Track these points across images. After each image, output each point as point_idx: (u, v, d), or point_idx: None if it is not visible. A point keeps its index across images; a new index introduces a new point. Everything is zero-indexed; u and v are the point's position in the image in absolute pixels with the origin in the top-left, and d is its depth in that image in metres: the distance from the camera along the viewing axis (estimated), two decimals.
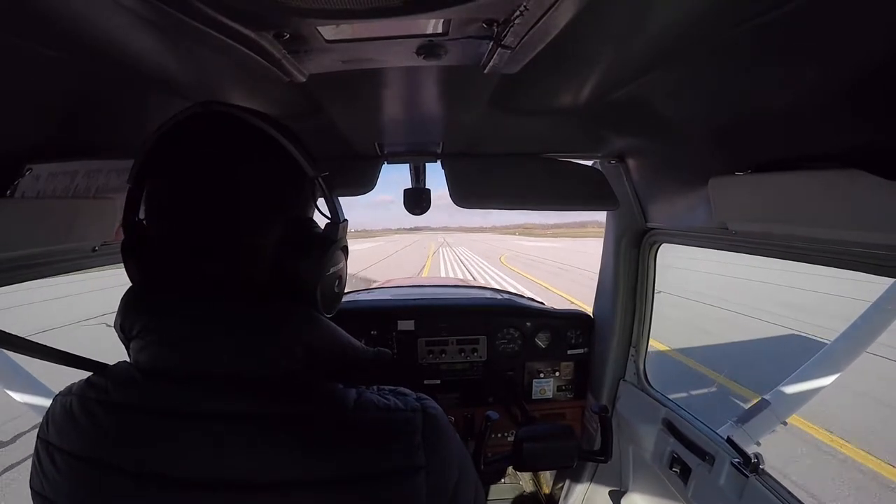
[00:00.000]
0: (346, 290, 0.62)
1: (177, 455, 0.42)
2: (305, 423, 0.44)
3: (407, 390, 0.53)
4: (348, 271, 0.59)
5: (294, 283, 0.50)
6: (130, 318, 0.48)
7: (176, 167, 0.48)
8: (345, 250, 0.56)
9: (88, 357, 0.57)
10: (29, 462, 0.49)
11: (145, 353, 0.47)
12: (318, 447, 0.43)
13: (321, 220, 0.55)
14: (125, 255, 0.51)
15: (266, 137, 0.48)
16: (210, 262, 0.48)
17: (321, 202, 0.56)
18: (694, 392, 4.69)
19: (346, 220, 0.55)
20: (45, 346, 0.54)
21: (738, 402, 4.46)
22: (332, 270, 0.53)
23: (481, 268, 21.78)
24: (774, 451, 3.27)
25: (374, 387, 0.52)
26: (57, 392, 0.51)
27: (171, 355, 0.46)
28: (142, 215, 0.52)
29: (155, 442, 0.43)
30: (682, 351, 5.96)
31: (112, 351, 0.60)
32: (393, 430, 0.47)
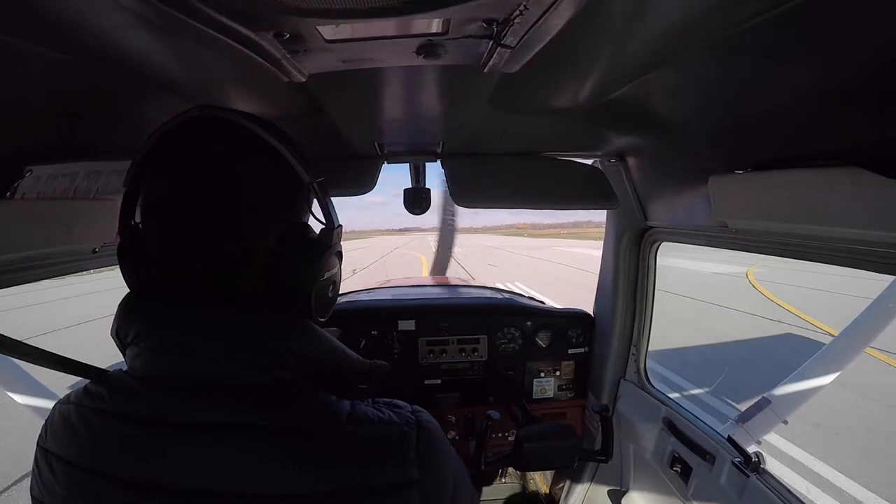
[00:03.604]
0: (342, 292, 0.62)
1: (169, 465, 0.43)
2: (297, 435, 0.44)
3: (402, 402, 0.53)
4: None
5: (288, 287, 0.50)
6: (126, 324, 0.48)
7: (173, 169, 0.48)
8: (339, 255, 0.56)
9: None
10: None
11: (140, 360, 0.47)
12: (309, 460, 0.43)
13: (315, 226, 0.56)
14: (121, 259, 0.51)
15: (262, 142, 0.48)
16: (204, 266, 0.48)
17: (316, 207, 0.56)
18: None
19: (340, 225, 0.55)
20: (45, 350, 0.54)
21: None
22: (326, 276, 0.53)
23: None
24: None
25: (369, 399, 0.52)
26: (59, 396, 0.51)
27: (165, 362, 0.46)
28: (138, 218, 0.52)
29: (149, 452, 0.43)
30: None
31: None
32: (387, 444, 0.47)
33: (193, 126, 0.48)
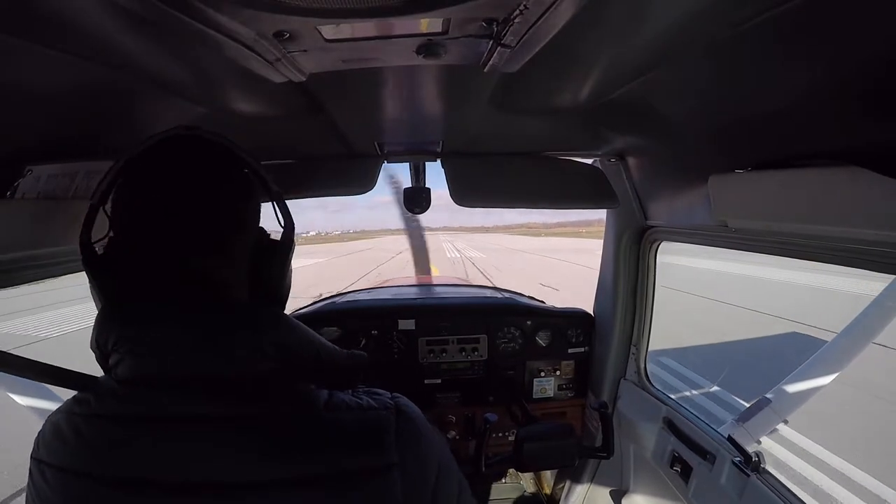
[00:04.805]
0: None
1: (155, 461, 0.44)
2: (276, 424, 0.46)
3: (382, 390, 0.55)
4: None
5: (269, 281, 0.55)
6: (105, 332, 0.49)
7: (158, 178, 0.50)
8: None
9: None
10: None
11: (123, 365, 0.48)
12: (288, 447, 0.45)
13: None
14: (92, 273, 0.51)
15: (236, 158, 0.54)
16: (193, 266, 0.50)
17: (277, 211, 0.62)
18: None
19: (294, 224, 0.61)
20: (36, 362, 0.54)
21: None
22: (290, 267, 0.59)
23: None
24: None
25: (350, 389, 0.53)
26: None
27: (147, 363, 0.47)
28: (103, 231, 0.53)
29: (135, 450, 0.44)
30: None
31: None
32: (366, 428, 0.48)
33: (173, 143, 0.52)
